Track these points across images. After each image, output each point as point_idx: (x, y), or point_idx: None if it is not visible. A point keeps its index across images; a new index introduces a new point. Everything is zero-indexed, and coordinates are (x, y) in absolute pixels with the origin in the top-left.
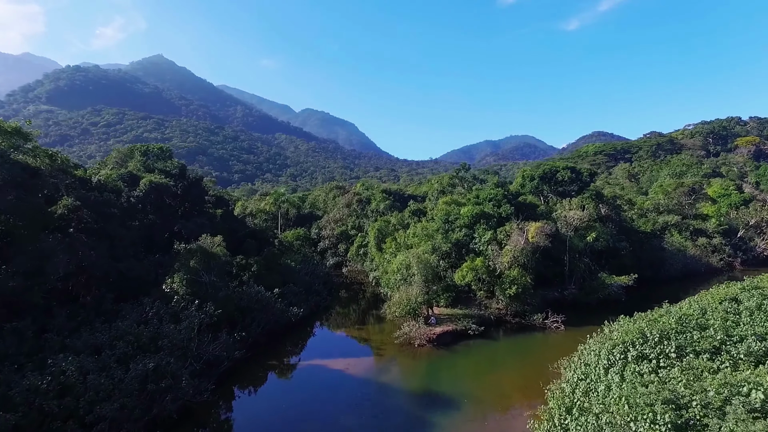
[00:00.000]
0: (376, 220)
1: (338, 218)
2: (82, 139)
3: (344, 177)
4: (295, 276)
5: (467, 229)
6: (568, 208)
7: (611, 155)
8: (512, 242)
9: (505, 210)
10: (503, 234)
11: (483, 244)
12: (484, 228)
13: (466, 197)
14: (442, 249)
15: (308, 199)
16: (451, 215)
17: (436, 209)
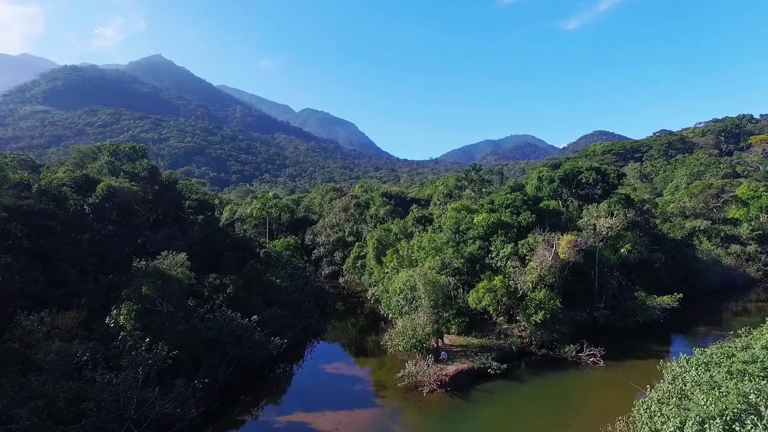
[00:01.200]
0: (375, 226)
1: (334, 223)
2: (77, 139)
3: (344, 177)
4: (280, 295)
5: (482, 241)
6: (595, 215)
7: (620, 154)
8: (537, 258)
9: (525, 218)
10: (525, 248)
11: (501, 260)
12: (503, 240)
13: (478, 203)
14: (453, 265)
15: (303, 202)
16: (462, 224)
17: (444, 216)
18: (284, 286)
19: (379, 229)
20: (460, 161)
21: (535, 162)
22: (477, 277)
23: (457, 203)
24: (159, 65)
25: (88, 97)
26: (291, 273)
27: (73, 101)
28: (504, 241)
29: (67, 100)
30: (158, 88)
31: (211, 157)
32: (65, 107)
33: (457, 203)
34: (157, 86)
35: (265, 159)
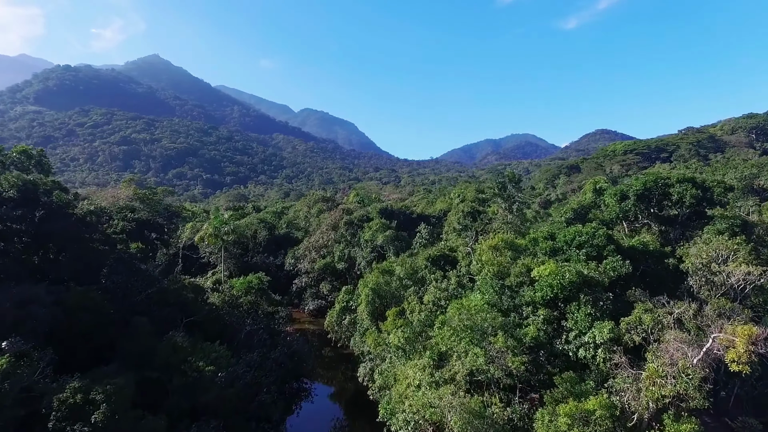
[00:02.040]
0: (372, 252)
1: (321, 244)
2: (66, 140)
3: (342, 178)
4: (214, 391)
5: (547, 310)
6: (716, 254)
7: (644, 155)
8: (666, 355)
9: (616, 267)
10: (637, 329)
11: (588, 349)
12: (590, 313)
13: (527, 238)
14: (505, 366)
15: (286, 217)
16: (511, 277)
17: (475, 256)
18: (228, 371)
19: (375, 271)
20: (460, 161)
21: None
22: (542, 373)
23: (495, 239)
24: (156, 65)
25: (81, 98)
26: (246, 336)
27: (66, 101)
28: (592, 314)
29: (60, 100)
30: (154, 88)
31: (204, 158)
32: (57, 108)
33: (495, 239)
34: (154, 86)
35: (261, 160)
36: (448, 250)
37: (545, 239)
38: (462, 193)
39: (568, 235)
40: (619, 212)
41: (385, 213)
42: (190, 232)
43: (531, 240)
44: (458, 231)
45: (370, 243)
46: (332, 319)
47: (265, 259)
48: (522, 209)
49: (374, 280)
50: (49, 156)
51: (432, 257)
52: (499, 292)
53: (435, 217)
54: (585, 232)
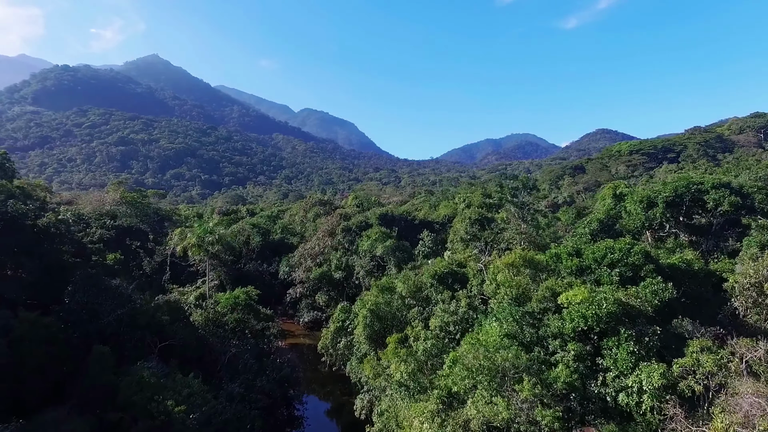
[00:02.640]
0: (370, 262)
1: (317, 252)
2: (64, 141)
3: (342, 179)
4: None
5: (579, 345)
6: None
7: (650, 155)
8: (739, 412)
9: (657, 290)
10: (695, 374)
11: (632, 395)
12: (632, 351)
13: (549, 253)
14: (534, 417)
15: (280, 222)
16: (533, 303)
17: (490, 273)
18: (203, 411)
19: (374, 289)
20: (460, 161)
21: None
22: (572, 425)
23: (513, 255)
24: (155, 65)
25: (79, 98)
26: (230, 360)
27: (64, 102)
28: (635, 352)
29: (58, 100)
30: (153, 88)
31: (203, 159)
32: (56, 108)
33: (513, 255)
34: (153, 86)
35: (261, 160)
36: (456, 266)
37: (570, 256)
38: (467, 197)
39: (597, 251)
40: (644, 221)
41: (385, 219)
42: (178, 239)
43: (552, 256)
44: (466, 241)
45: (369, 253)
46: (326, 341)
47: (258, 266)
48: (536, 218)
49: (373, 299)
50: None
51: (439, 274)
52: (519, 322)
53: (438, 224)
54: (618, 249)
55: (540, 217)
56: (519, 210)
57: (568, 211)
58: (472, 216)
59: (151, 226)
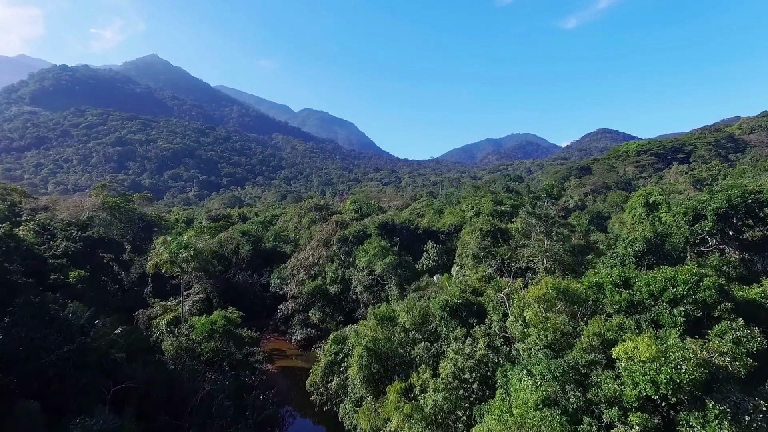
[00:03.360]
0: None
1: (311, 263)
2: (60, 141)
3: (342, 179)
4: None
5: (644, 415)
6: None
7: (659, 155)
8: None
9: (742, 340)
10: None
11: None
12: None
13: (587, 280)
14: None
15: (273, 229)
16: (575, 353)
17: (515, 307)
18: None
19: (372, 320)
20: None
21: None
22: None
23: (543, 286)
24: (154, 65)
25: (77, 98)
26: (202, 401)
27: (62, 102)
28: None
29: (56, 100)
30: (152, 88)
31: (201, 159)
32: (53, 108)
33: (543, 286)
34: (152, 86)
35: (260, 161)
36: (470, 292)
37: (616, 287)
38: (476, 204)
39: (653, 282)
40: (689, 236)
41: (385, 228)
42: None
43: (593, 286)
44: (478, 258)
45: (367, 269)
46: (315, 377)
47: (248, 277)
48: (563, 232)
49: (370, 334)
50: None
51: (450, 306)
52: (561, 380)
53: (444, 233)
54: (682, 280)
55: (568, 231)
56: (541, 223)
57: (580, 216)
58: (484, 227)
59: (136, 233)
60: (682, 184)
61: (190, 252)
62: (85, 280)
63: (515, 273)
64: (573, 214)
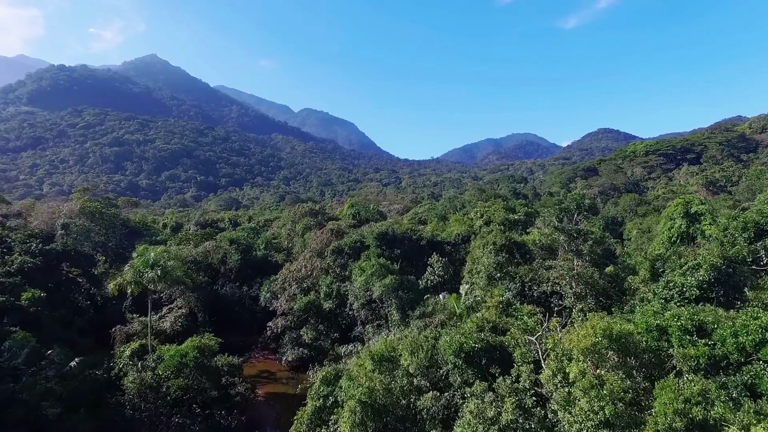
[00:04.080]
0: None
1: (304, 275)
2: (57, 141)
3: (342, 179)
4: None
5: None
6: None
7: (668, 155)
8: None
9: None
10: None
11: None
12: None
13: (643, 321)
14: None
15: (264, 235)
16: None
17: (554, 358)
18: None
19: (367, 362)
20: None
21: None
22: None
23: (589, 331)
24: (153, 65)
25: (75, 98)
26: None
27: (60, 102)
28: None
29: (54, 100)
30: (151, 88)
31: (199, 160)
32: (51, 108)
33: (589, 331)
34: (150, 86)
35: (259, 161)
36: (489, 330)
37: (687, 334)
38: (485, 212)
39: (743, 333)
40: (747, 254)
41: (384, 239)
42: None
43: (652, 330)
44: (494, 277)
45: (364, 289)
46: (301, 426)
47: (237, 289)
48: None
49: (365, 382)
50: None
51: (466, 351)
52: None
53: (450, 243)
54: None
55: (598, 248)
56: (570, 240)
57: (593, 222)
58: (497, 240)
59: (119, 240)
60: (693, 185)
61: (156, 272)
62: (41, 302)
63: (538, 298)
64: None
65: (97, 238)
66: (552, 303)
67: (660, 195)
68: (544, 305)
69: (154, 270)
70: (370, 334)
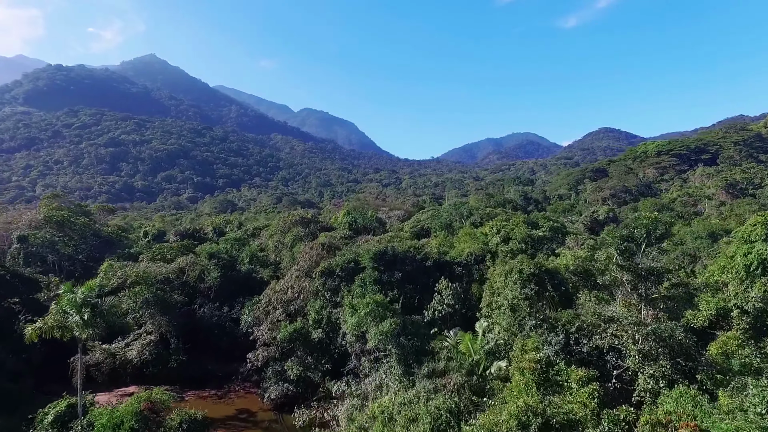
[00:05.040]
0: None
1: (291, 297)
2: (52, 142)
3: (341, 180)
4: None
5: None
6: None
7: (681, 156)
8: None
9: None
10: None
11: None
12: None
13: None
14: None
15: (251, 246)
16: None
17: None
18: None
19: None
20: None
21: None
22: None
23: None
24: (152, 65)
25: (72, 98)
26: None
27: (57, 102)
28: None
29: (50, 100)
30: (149, 88)
31: (196, 160)
32: (47, 108)
33: None
34: (149, 86)
35: (257, 161)
36: (541, 427)
37: None
38: (503, 227)
39: None
40: None
41: (382, 259)
42: (105, 276)
43: None
44: (521, 319)
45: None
46: None
47: (216, 309)
48: (677, 294)
49: None
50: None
51: None
52: None
53: (460, 264)
54: None
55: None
56: (638, 280)
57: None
58: (525, 268)
59: (89, 252)
60: (711, 188)
61: (84, 315)
62: None
63: (588, 354)
64: (606, 228)
65: (65, 250)
66: (608, 362)
67: (676, 198)
68: (596, 365)
69: (81, 312)
70: (367, 369)
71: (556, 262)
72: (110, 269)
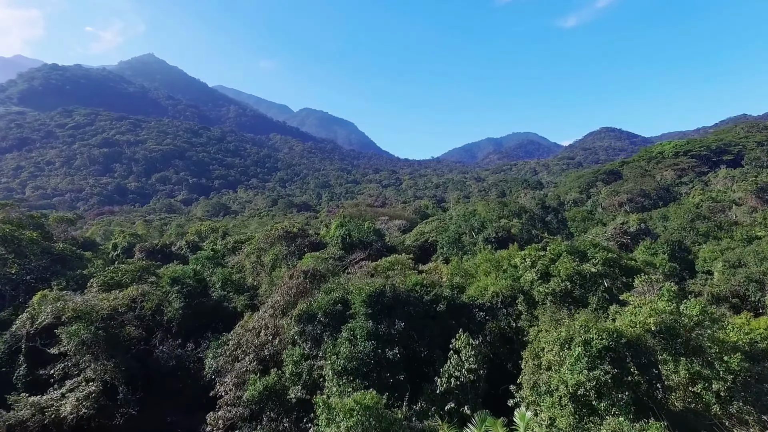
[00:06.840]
0: None
1: (263, 340)
2: (44, 142)
3: (340, 180)
4: None
5: None
6: None
7: (701, 157)
8: None
9: None
10: None
11: None
12: None
13: None
14: None
15: (222, 270)
16: None
17: None
18: None
19: None
20: (462, 160)
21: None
22: None
23: None
24: (150, 65)
25: (68, 98)
26: None
27: (52, 102)
28: None
29: (45, 100)
30: (146, 88)
31: (191, 161)
32: (42, 108)
33: None
34: (146, 86)
35: (254, 162)
36: None
37: None
38: (534, 257)
39: None
40: None
41: (378, 302)
42: (35, 311)
43: None
44: (586, 414)
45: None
46: None
47: (178, 347)
48: None
49: None
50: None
51: None
52: None
53: (482, 308)
54: None
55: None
56: None
57: (655, 248)
58: (595, 339)
59: (39, 272)
60: (737, 192)
61: None
62: None
63: None
64: (642, 243)
65: (11, 270)
66: None
67: (700, 203)
68: None
69: None
70: None
71: (632, 321)
72: (43, 301)
